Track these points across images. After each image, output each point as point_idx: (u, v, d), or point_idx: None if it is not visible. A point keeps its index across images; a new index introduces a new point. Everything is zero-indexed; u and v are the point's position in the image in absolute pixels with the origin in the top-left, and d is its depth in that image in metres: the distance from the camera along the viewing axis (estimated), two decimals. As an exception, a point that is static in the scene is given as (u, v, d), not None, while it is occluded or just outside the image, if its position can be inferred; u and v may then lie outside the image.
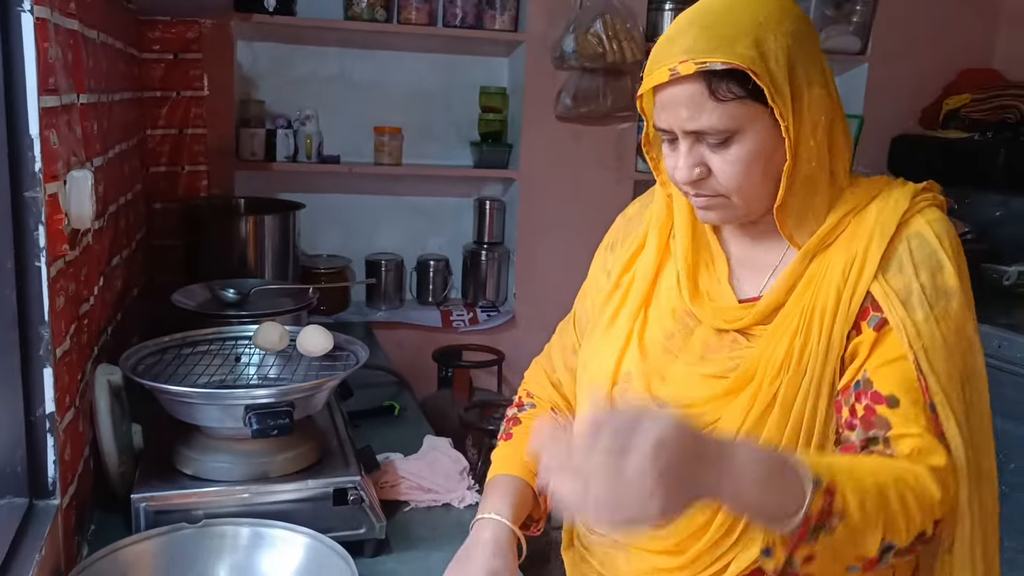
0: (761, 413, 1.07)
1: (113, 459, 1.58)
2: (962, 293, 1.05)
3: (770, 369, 1.07)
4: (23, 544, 1.19)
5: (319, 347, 1.63)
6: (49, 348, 1.26)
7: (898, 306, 1.04)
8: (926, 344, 1.03)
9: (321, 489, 1.48)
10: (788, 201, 1.08)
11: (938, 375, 1.03)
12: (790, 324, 1.08)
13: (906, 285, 1.05)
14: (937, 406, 1.03)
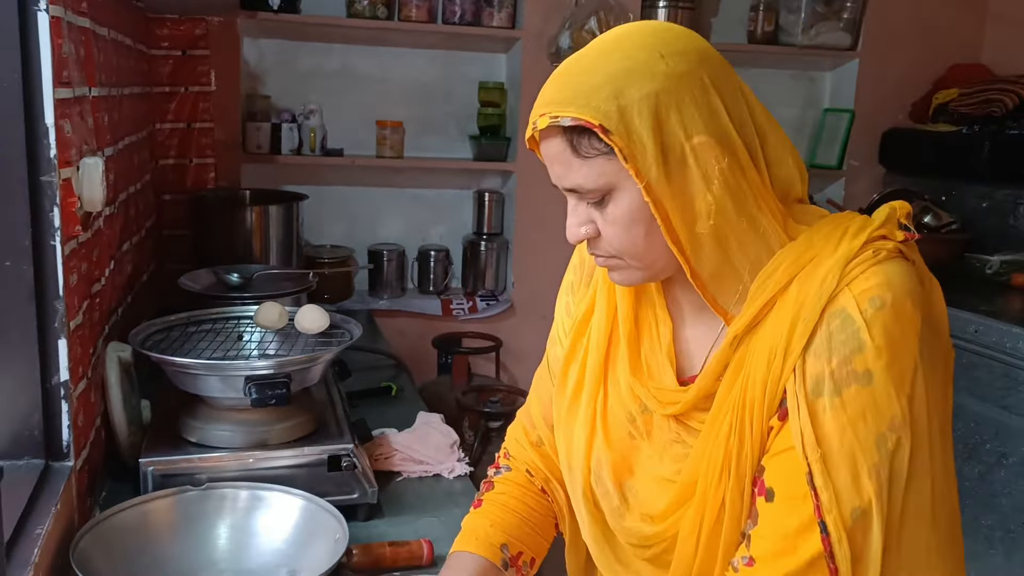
0: (714, 523, 0.99)
1: (123, 429, 1.69)
2: (890, 380, 0.90)
3: (711, 475, 0.98)
4: (40, 500, 1.30)
5: (316, 325, 1.73)
6: (63, 321, 1.36)
7: (802, 400, 0.92)
8: (830, 447, 0.91)
9: (316, 456, 1.59)
10: (696, 266, 0.97)
11: (837, 489, 0.90)
12: (724, 420, 0.98)
13: (817, 373, 0.91)
14: (829, 526, 0.90)
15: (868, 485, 0.90)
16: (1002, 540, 2.60)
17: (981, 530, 2.66)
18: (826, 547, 0.91)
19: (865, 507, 0.90)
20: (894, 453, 0.91)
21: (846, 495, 0.90)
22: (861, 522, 0.90)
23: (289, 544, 1.44)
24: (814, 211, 1.02)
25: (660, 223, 0.94)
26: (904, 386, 0.91)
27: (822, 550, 0.90)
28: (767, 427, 0.96)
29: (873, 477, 0.90)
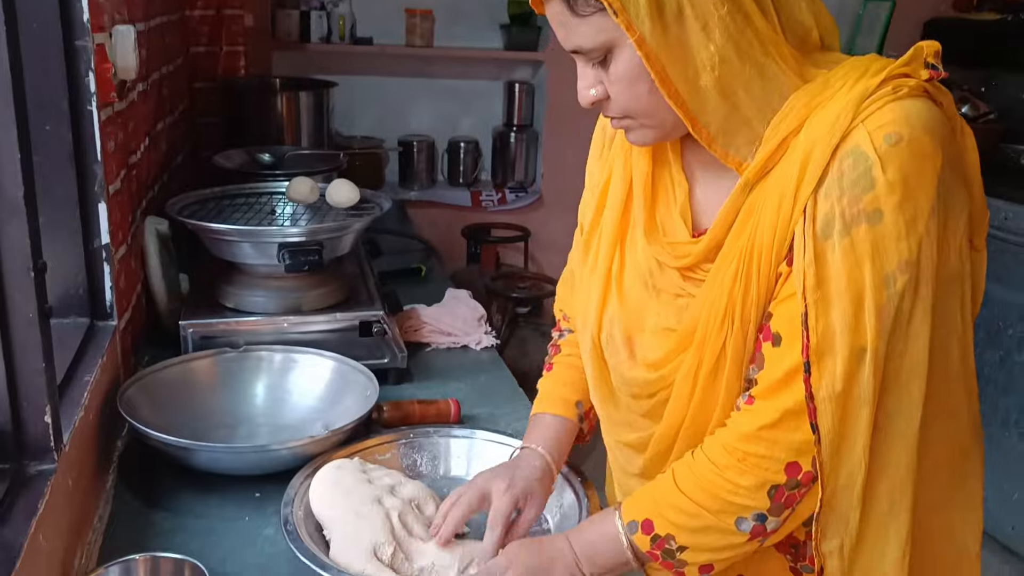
0: (712, 371, 0.99)
1: (162, 297, 1.75)
2: (902, 219, 0.88)
3: (713, 322, 0.98)
4: (87, 354, 1.37)
5: (347, 198, 1.76)
6: (103, 185, 1.41)
7: (809, 242, 0.90)
8: (831, 286, 0.90)
9: (348, 322, 1.65)
10: (701, 120, 0.94)
11: (830, 329, 0.90)
12: (730, 268, 0.97)
13: (827, 213, 0.89)
14: (812, 365, 0.91)
15: (870, 325, 0.89)
16: (1017, 423, 2.64)
17: (999, 412, 2.70)
18: (807, 387, 0.91)
19: (862, 348, 0.90)
20: (902, 295, 0.89)
21: (845, 335, 0.90)
22: (855, 364, 0.90)
23: (322, 401, 1.51)
24: (838, 57, 0.97)
25: (655, 78, 0.91)
26: (916, 226, 0.89)
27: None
28: (775, 273, 0.94)
29: (877, 317, 0.89)
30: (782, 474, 0.94)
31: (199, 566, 1.08)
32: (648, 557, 1.01)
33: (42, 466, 1.02)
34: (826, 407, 0.91)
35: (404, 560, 1.11)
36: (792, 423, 0.93)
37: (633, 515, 1.01)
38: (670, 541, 0.98)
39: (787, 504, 0.95)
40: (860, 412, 0.92)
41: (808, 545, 1.02)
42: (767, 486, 0.94)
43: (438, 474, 1.38)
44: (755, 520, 0.95)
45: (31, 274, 0.98)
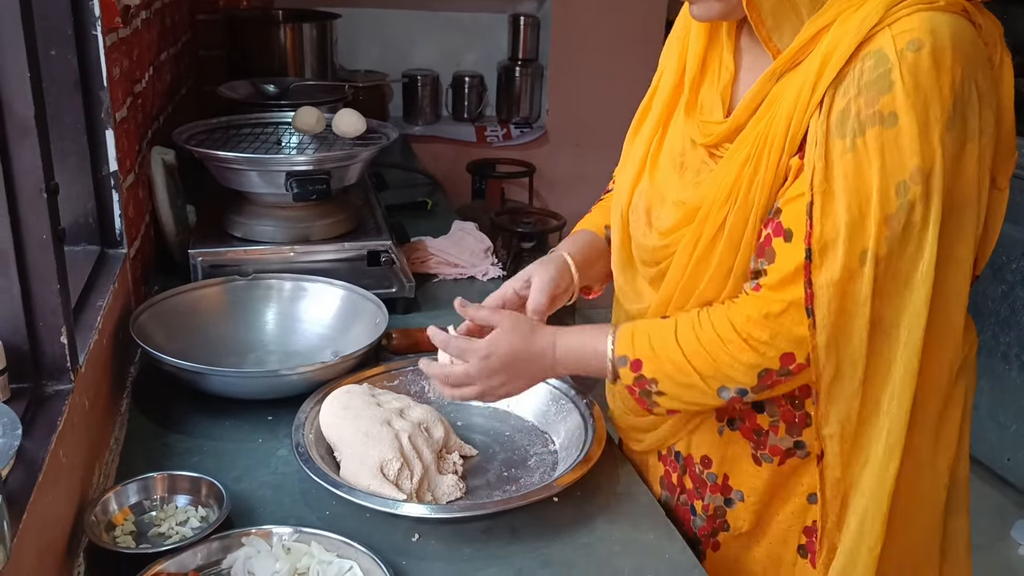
0: (710, 242, 1.04)
1: (171, 227, 1.76)
2: (915, 122, 0.90)
3: (718, 198, 1.03)
4: (98, 280, 1.38)
5: (353, 128, 1.76)
6: (109, 111, 1.40)
7: (821, 137, 0.93)
8: (836, 182, 0.93)
9: (356, 251, 1.65)
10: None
11: (835, 221, 0.93)
12: (743, 151, 1.01)
13: (842, 110, 0.92)
14: (813, 252, 0.94)
15: (874, 229, 0.92)
16: (1018, 356, 2.66)
17: (1000, 347, 2.72)
18: (806, 273, 0.95)
19: (863, 249, 0.93)
20: (913, 205, 0.92)
21: (851, 231, 0.93)
22: (855, 263, 0.93)
23: (332, 329, 1.52)
24: None
25: None
26: (931, 136, 0.90)
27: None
28: (786, 162, 0.98)
29: (884, 224, 0.92)
30: (777, 361, 1.00)
31: (216, 484, 1.11)
32: (624, 388, 1.09)
33: (59, 386, 1.04)
34: (823, 293, 0.95)
35: (408, 478, 1.14)
36: (797, 316, 0.97)
37: (626, 351, 1.08)
38: (652, 384, 1.06)
39: (770, 387, 1.02)
40: (857, 310, 0.95)
41: (769, 435, 1.09)
42: (760, 368, 1.01)
43: (445, 400, 1.39)
44: (736, 393, 1.03)
45: (44, 195, 0.98)
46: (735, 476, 1.14)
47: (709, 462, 1.16)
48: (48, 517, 0.92)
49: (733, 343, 1.01)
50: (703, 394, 1.04)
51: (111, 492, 1.09)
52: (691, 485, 1.20)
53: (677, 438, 1.19)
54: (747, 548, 1.16)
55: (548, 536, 1.10)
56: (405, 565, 1.04)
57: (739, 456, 1.13)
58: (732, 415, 1.13)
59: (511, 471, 1.23)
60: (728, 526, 1.17)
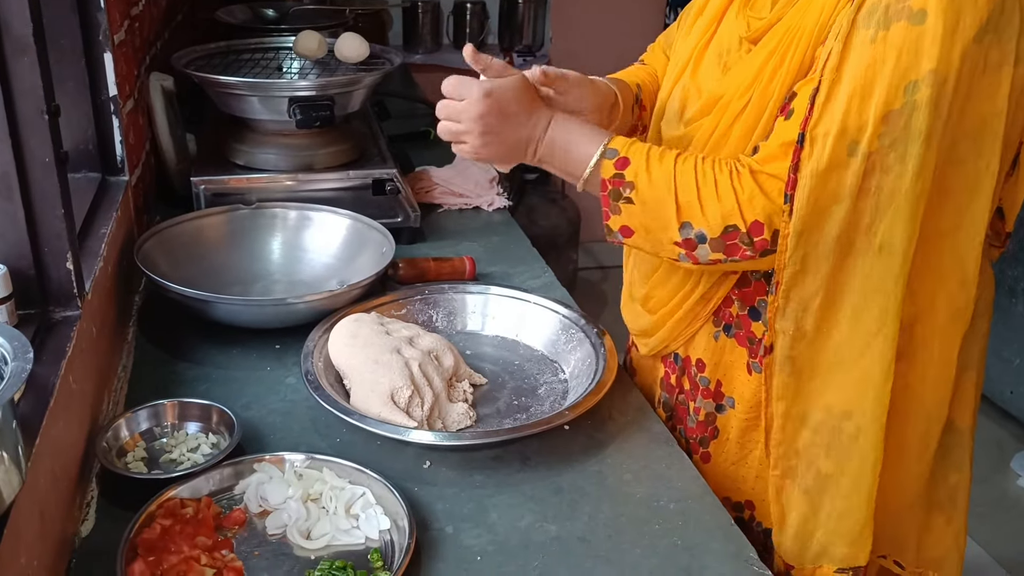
0: (726, 130, 1.06)
1: (171, 155, 1.73)
2: (943, 23, 0.87)
3: (739, 88, 1.04)
4: (100, 208, 1.36)
5: (356, 53, 1.72)
6: (107, 34, 1.37)
7: (845, 27, 0.92)
8: (846, 71, 0.91)
9: (361, 180, 1.63)
10: None
11: (833, 111, 0.92)
12: (771, 43, 1.02)
13: (876, 2, 0.90)
14: (806, 139, 0.93)
15: (871, 124, 0.90)
16: (1024, 291, 2.66)
17: (1006, 281, 2.71)
18: (794, 158, 0.94)
19: (854, 141, 0.91)
20: (918, 107, 0.89)
21: (846, 123, 0.91)
22: (842, 154, 0.92)
23: (338, 259, 1.51)
24: None
25: None
26: (956, 41, 0.88)
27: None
28: (810, 55, 0.98)
29: (882, 120, 0.90)
30: (745, 224, 0.99)
31: (226, 410, 1.10)
32: (596, 184, 1.07)
33: (67, 312, 1.03)
34: (805, 183, 0.94)
35: (419, 406, 1.13)
36: (777, 190, 0.97)
37: (619, 147, 1.06)
38: (627, 188, 1.04)
39: (727, 252, 1.01)
40: (836, 206, 0.94)
41: (762, 344, 1.08)
42: (729, 222, 1.00)
43: (454, 329, 1.39)
44: (695, 236, 1.02)
45: (45, 117, 0.96)
46: (727, 383, 1.16)
47: (703, 366, 1.18)
48: (60, 442, 0.91)
49: (723, 184, 1.00)
50: (666, 222, 1.03)
51: (122, 419, 1.09)
52: (688, 386, 1.22)
53: (677, 343, 1.20)
54: (735, 464, 1.18)
55: (559, 464, 1.10)
56: (417, 491, 1.04)
57: (733, 363, 1.15)
58: (729, 321, 1.13)
59: (521, 400, 1.23)
60: (717, 432, 1.19)
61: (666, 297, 1.19)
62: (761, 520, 1.17)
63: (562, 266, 3.04)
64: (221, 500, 1.00)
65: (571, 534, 0.99)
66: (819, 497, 1.04)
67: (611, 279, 1.18)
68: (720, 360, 1.16)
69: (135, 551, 0.90)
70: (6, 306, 0.95)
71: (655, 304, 1.21)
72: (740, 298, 1.12)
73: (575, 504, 1.04)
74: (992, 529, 2.52)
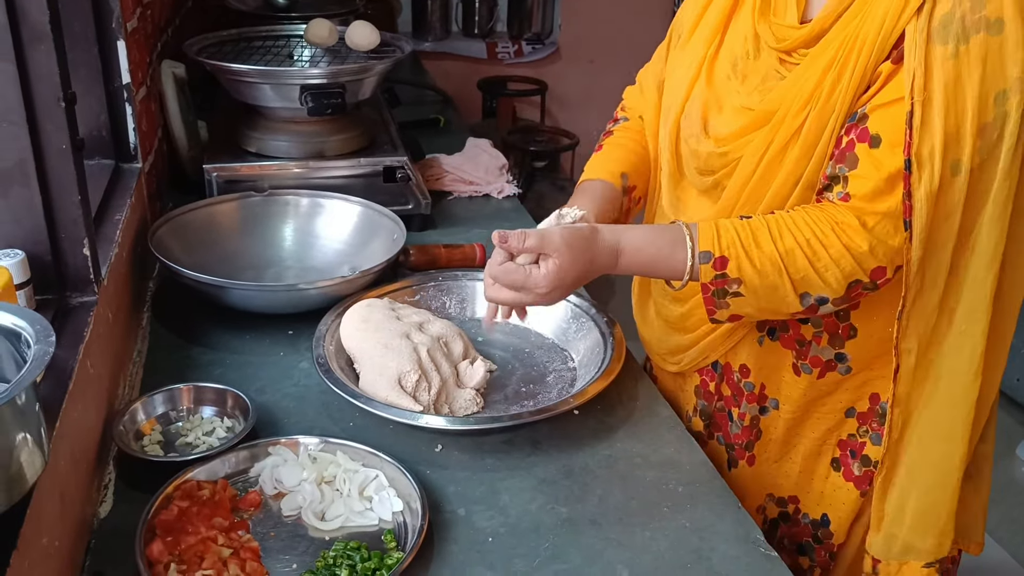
0: (782, 147, 1.02)
1: (183, 143, 1.74)
2: (1021, 26, 0.87)
3: (796, 103, 1.00)
4: (114, 195, 1.37)
5: (367, 41, 1.72)
6: (120, 21, 1.37)
7: (920, 42, 0.90)
8: (936, 90, 0.90)
9: (372, 167, 1.64)
10: None
11: (932, 131, 0.90)
12: (826, 55, 0.98)
13: (947, 14, 0.89)
14: (913, 164, 0.91)
15: (969, 139, 0.90)
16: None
17: None
18: (906, 185, 0.92)
19: (957, 159, 0.91)
20: (1009, 114, 0.89)
21: (946, 142, 0.90)
22: (948, 172, 0.91)
23: (349, 245, 1.52)
24: None
25: None
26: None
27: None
28: (873, 67, 0.95)
29: (978, 134, 0.90)
30: (868, 275, 0.97)
31: (241, 395, 1.12)
32: (698, 286, 1.03)
33: (83, 298, 1.04)
34: (922, 207, 0.92)
35: (426, 390, 1.14)
36: (890, 227, 0.95)
37: (710, 247, 1.00)
38: (734, 284, 1.00)
39: (852, 300, 1.00)
40: (949, 220, 0.94)
41: (812, 345, 1.09)
42: (852, 278, 0.97)
43: (466, 316, 1.40)
44: (816, 301, 0.99)
45: (61, 104, 0.97)
46: (771, 385, 1.15)
47: (747, 371, 1.17)
48: (79, 425, 0.93)
49: (834, 248, 0.97)
50: (783, 298, 0.99)
51: (138, 403, 1.10)
52: (729, 392, 1.21)
53: (717, 354, 1.19)
54: (778, 461, 1.18)
55: (569, 448, 1.12)
56: (429, 474, 1.05)
57: (779, 365, 1.14)
58: (773, 324, 1.12)
59: (529, 387, 1.24)
60: (761, 434, 1.18)
61: (704, 316, 1.11)
62: (808, 511, 1.18)
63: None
64: (237, 483, 1.02)
65: (582, 516, 1.00)
66: (909, 495, 1.06)
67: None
68: (765, 363, 1.15)
69: (153, 532, 0.91)
70: (24, 291, 0.96)
71: (695, 322, 1.18)
72: None
73: (586, 487, 1.05)
74: (997, 515, 2.52)
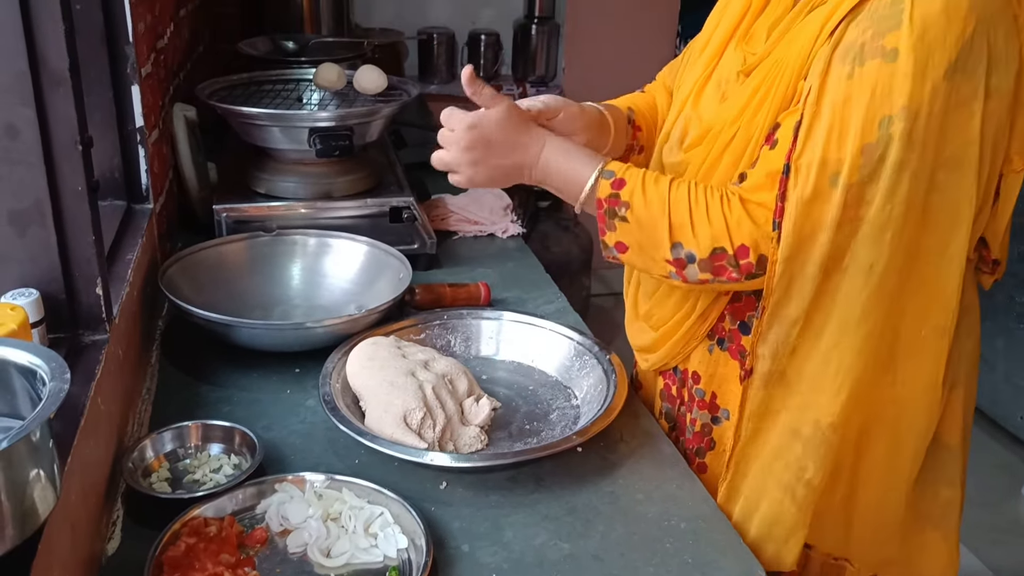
0: (717, 158, 1.11)
1: (193, 184, 1.77)
2: (913, 62, 0.92)
3: (727, 120, 1.09)
4: (126, 235, 1.39)
5: (374, 84, 1.76)
6: (135, 67, 1.41)
7: (823, 62, 0.97)
8: (825, 105, 0.97)
9: (378, 207, 1.67)
10: None
11: (815, 143, 0.97)
12: (758, 78, 1.06)
13: (851, 41, 0.96)
14: (791, 169, 0.99)
15: (849, 157, 0.95)
16: (1034, 317, 2.67)
17: (1015, 307, 2.73)
18: (782, 187, 1.00)
19: (835, 172, 0.96)
20: (893, 139, 0.94)
21: (827, 155, 0.96)
22: (825, 184, 0.97)
23: (356, 284, 1.54)
24: None
25: None
26: (927, 79, 0.92)
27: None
28: (794, 87, 1.03)
29: (860, 153, 0.95)
30: (732, 247, 1.04)
31: (248, 433, 1.13)
32: (592, 204, 1.11)
33: (95, 336, 1.06)
34: (792, 210, 0.99)
35: (431, 428, 1.16)
36: (764, 217, 1.03)
37: (615, 168, 1.11)
38: (623, 208, 1.09)
39: (714, 272, 1.06)
40: (821, 234, 0.99)
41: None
42: (717, 244, 1.05)
43: (471, 354, 1.41)
44: (686, 257, 1.07)
45: (78, 147, 0.99)
46: (722, 395, 1.20)
47: (698, 378, 1.23)
48: (89, 462, 0.94)
49: (714, 210, 1.05)
50: (659, 241, 1.07)
51: (147, 439, 1.12)
52: (686, 397, 1.26)
53: (677, 359, 1.25)
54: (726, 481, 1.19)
55: (573, 485, 1.13)
56: (434, 511, 1.06)
57: (727, 376, 1.19)
58: (722, 335, 1.18)
59: (533, 424, 1.25)
60: (714, 444, 1.22)
61: (667, 315, 1.23)
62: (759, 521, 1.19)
63: (575, 292, 3.06)
64: (243, 519, 1.03)
65: (585, 552, 1.01)
66: (806, 504, 1.09)
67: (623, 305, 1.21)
68: (715, 373, 1.20)
69: (161, 568, 0.93)
70: (38, 329, 0.98)
71: (656, 321, 1.26)
72: (731, 313, 1.17)
73: (588, 523, 1.06)
74: (1004, 555, 2.52)
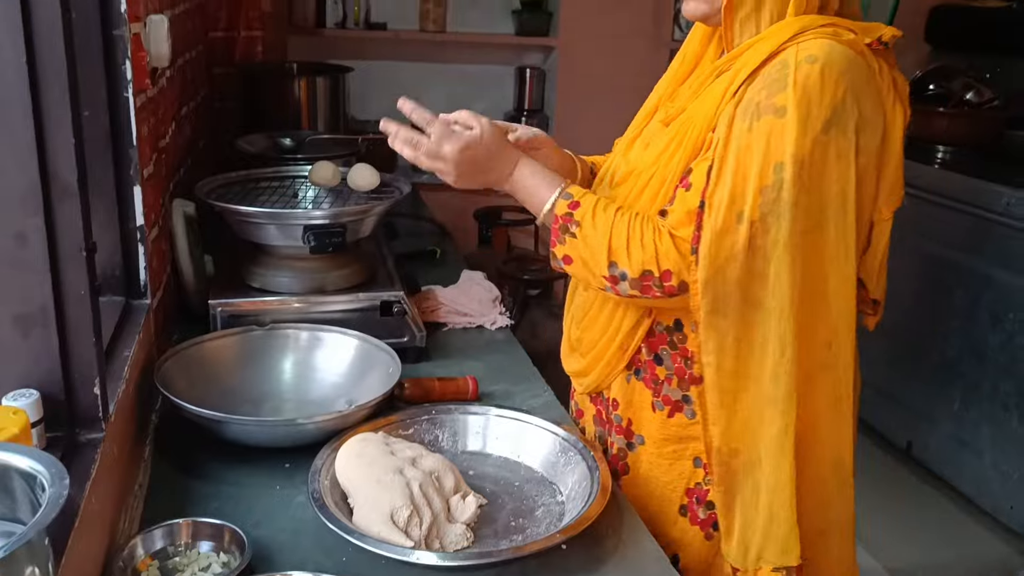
0: (639, 194, 1.31)
1: (190, 278, 1.82)
2: (797, 117, 1.12)
3: (645, 166, 1.31)
4: (124, 331, 1.43)
5: (368, 182, 1.83)
6: (137, 168, 1.47)
7: (727, 118, 1.17)
8: (731, 153, 1.16)
9: (369, 302, 1.71)
10: (735, 2, 1.22)
11: (724, 184, 1.16)
12: (675, 127, 1.28)
13: (749, 99, 1.16)
14: (706, 205, 1.18)
15: (750, 196, 1.15)
16: (1017, 405, 2.70)
17: (999, 396, 2.76)
18: (698, 219, 1.19)
19: (740, 211, 1.16)
20: (784, 182, 1.13)
21: (733, 195, 1.15)
22: (732, 219, 1.16)
23: (346, 378, 1.57)
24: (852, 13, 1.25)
25: None
26: (808, 132, 1.13)
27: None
28: (703, 138, 1.23)
29: (759, 192, 1.14)
30: (658, 270, 1.23)
31: (236, 530, 1.15)
32: (551, 218, 1.30)
33: (92, 435, 1.09)
34: (707, 238, 1.18)
35: (417, 525, 1.18)
36: (685, 248, 1.21)
37: (574, 192, 1.31)
38: (574, 225, 1.28)
39: (642, 290, 1.25)
40: (732, 260, 1.17)
41: (664, 385, 1.34)
42: (646, 267, 1.23)
43: (458, 449, 1.44)
44: (619, 274, 1.25)
45: (83, 254, 1.04)
46: (637, 422, 1.38)
47: (617, 404, 1.40)
48: (82, 561, 0.96)
49: (647, 238, 1.23)
50: (599, 258, 1.25)
51: (138, 537, 1.14)
52: (609, 422, 1.41)
53: (603, 384, 1.42)
54: (639, 500, 1.34)
55: (557, 582, 1.14)
56: (419, 610, 1.08)
57: (642, 404, 1.37)
58: (639, 366, 1.36)
59: (519, 521, 1.27)
60: (628, 469, 1.37)
61: (594, 339, 1.41)
62: (664, 548, 1.27)
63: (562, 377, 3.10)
64: (231, 618, 1.04)
65: (567, 653, 1.02)
66: (755, 508, 1.24)
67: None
68: (631, 400, 1.38)
69: (148, 668, 0.94)
70: (37, 429, 1.01)
71: (586, 347, 1.44)
72: (647, 346, 1.35)
73: (571, 623, 1.07)
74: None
